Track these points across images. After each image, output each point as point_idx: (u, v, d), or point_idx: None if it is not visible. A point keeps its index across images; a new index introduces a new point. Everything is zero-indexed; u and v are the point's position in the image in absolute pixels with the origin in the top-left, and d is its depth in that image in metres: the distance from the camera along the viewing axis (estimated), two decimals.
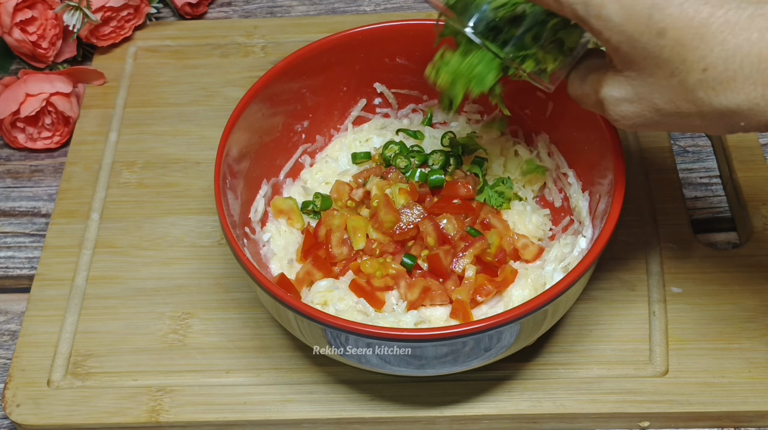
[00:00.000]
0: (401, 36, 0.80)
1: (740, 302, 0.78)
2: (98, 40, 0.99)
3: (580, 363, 0.75)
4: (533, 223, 0.79)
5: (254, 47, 1.00)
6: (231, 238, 0.68)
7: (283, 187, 0.83)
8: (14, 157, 0.95)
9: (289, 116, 0.81)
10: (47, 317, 0.80)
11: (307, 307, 0.64)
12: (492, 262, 0.76)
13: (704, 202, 0.87)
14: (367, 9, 1.06)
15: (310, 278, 0.76)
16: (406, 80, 0.84)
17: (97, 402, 0.75)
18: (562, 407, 0.73)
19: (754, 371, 0.74)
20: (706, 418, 0.73)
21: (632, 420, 0.74)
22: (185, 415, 0.74)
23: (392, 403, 0.74)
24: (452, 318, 0.73)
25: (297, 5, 1.07)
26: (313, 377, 0.76)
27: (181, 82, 0.97)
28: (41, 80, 0.92)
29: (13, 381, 0.76)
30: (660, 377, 0.74)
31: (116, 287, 0.82)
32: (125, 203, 0.88)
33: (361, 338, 0.64)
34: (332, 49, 0.79)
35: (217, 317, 0.79)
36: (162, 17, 1.06)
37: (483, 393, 0.74)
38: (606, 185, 0.71)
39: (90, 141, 0.93)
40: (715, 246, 0.84)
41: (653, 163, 0.87)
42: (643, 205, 0.84)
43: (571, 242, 0.76)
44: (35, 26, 0.95)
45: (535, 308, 0.63)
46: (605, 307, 0.78)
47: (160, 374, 0.76)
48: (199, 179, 0.89)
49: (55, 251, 0.84)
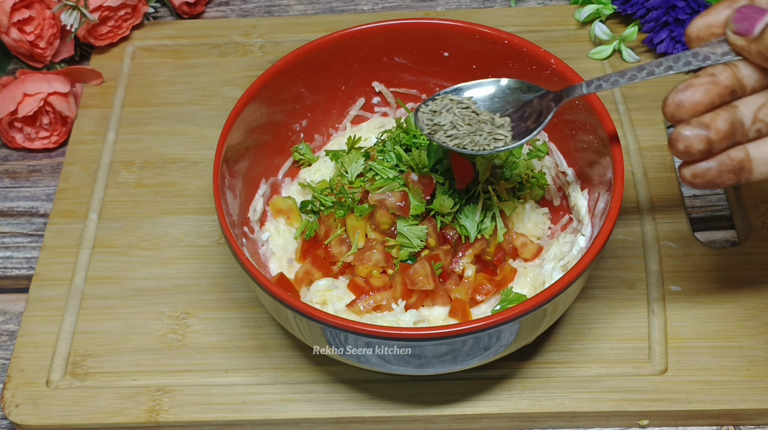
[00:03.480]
0: (399, 35, 0.80)
1: (739, 300, 0.78)
2: (96, 40, 0.99)
3: (579, 362, 0.76)
4: (532, 221, 0.79)
5: (252, 47, 1.00)
6: (230, 237, 0.68)
7: (281, 187, 0.83)
8: (12, 157, 0.95)
9: (287, 115, 0.81)
10: (46, 317, 0.80)
11: (306, 306, 0.64)
12: (491, 261, 0.76)
13: (703, 200, 0.87)
14: (365, 8, 1.06)
15: (309, 278, 0.75)
16: (404, 79, 0.84)
17: (96, 402, 0.75)
18: (561, 406, 0.73)
19: (753, 369, 0.74)
20: (706, 416, 0.73)
21: (632, 418, 0.74)
22: (184, 415, 0.74)
23: (392, 402, 0.74)
24: (451, 317, 0.73)
25: (295, 4, 1.07)
26: (312, 376, 0.76)
27: (179, 82, 0.97)
28: (39, 80, 0.92)
29: (12, 381, 0.76)
30: (659, 376, 0.74)
31: (115, 287, 0.82)
32: (123, 203, 0.88)
33: (361, 337, 0.64)
34: (330, 49, 0.79)
35: (216, 317, 0.79)
36: (159, 17, 1.06)
37: (482, 392, 0.74)
38: (605, 184, 0.71)
39: (88, 141, 0.93)
40: (713, 244, 0.84)
41: (652, 161, 0.87)
42: (642, 203, 0.84)
43: (570, 241, 0.76)
44: (33, 26, 0.95)
45: (535, 307, 0.63)
46: (604, 305, 0.78)
47: (159, 374, 0.76)
48: (197, 179, 0.89)
49: (54, 251, 0.84)
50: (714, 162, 0.59)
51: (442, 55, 0.81)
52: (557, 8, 1.02)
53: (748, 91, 0.58)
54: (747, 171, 0.59)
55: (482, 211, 0.75)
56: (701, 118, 0.58)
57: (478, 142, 0.68)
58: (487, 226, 0.75)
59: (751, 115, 0.58)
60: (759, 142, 0.58)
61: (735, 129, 0.58)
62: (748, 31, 0.57)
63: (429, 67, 0.82)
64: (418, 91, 0.85)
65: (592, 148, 0.74)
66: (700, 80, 0.58)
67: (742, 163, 0.58)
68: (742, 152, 0.58)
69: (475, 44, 0.79)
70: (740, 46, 0.58)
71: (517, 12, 1.01)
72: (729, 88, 0.58)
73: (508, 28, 0.82)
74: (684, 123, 0.58)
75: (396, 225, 0.74)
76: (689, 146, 0.58)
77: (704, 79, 0.58)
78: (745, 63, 0.58)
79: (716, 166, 0.59)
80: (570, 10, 1.01)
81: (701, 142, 0.57)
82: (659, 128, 0.90)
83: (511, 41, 0.77)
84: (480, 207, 0.75)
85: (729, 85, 0.58)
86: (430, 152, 0.75)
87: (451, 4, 1.05)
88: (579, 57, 0.96)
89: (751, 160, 0.58)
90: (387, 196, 0.74)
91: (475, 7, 1.05)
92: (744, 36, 0.57)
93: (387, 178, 0.76)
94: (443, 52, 0.81)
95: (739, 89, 0.58)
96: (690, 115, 0.58)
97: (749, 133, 0.58)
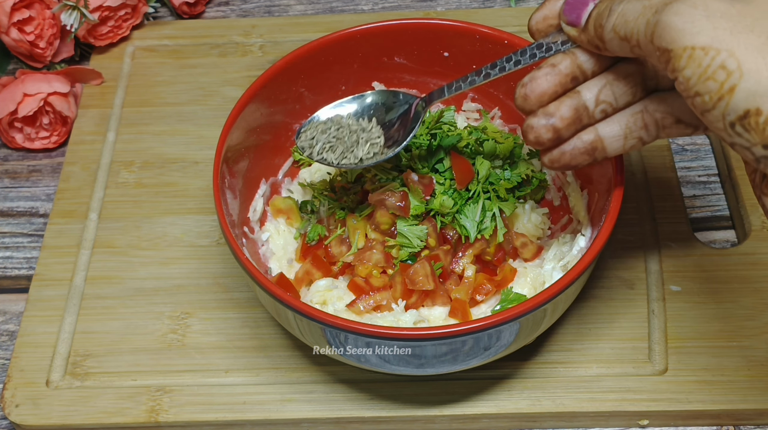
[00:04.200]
0: (399, 35, 0.80)
1: (739, 300, 0.78)
2: (96, 40, 0.99)
3: (579, 362, 0.76)
4: (532, 222, 0.79)
5: (252, 46, 1.00)
6: (230, 237, 0.68)
7: (281, 187, 0.83)
8: (12, 157, 0.95)
9: (287, 115, 0.81)
10: (46, 317, 0.80)
11: (306, 306, 0.64)
12: (491, 261, 0.76)
13: (703, 200, 0.87)
14: (365, 8, 1.06)
15: (309, 278, 0.75)
16: (404, 79, 0.84)
17: (96, 402, 0.75)
18: (561, 406, 0.73)
19: (753, 369, 0.74)
20: (706, 416, 0.73)
21: (632, 418, 0.74)
22: (184, 415, 0.74)
23: (392, 402, 0.74)
24: (451, 317, 0.73)
25: (295, 4, 1.07)
26: (312, 376, 0.76)
27: (179, 82, 0.97)
28: (39, 80, 0.92)
29: (12, 381, 0.76)
30: (659, 376, 0.74)
31: (115, 287, 0.82)
32: (123, 203, 0.88)
33: (361, 337, 0.64)
34: (330, 49, 0.79)
35: (216, 317, 0.79)
36: (159, 17, 1.06)
37: (482, 392, 0.74)
38: (605, 184, 0.71)
39: (88, 141, 0.93)
40: (713, 244, 0.84)
41: (652, 161, 0.87)
42: (642, 203, 0.84)
43: (570, 241, 0.76)
44: (33, 26, 0.95)
45: (535, 307, 0.63)
46: (604, 305, 0.78)
47: (159, 374, 0.76)
48: (197, 179, 0.89)
49: (54, 251, 0.84)
50: (567, 146, 0.62)
51: (442, 55, 0.81)
52: None
53: (588, 75, 0.61)
54: (600, 150, 0.62)
55: (482, 211, 0.75)
56: (546, 108, 0.60)
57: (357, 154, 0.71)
58: (487, 226, 0.75)
59: (593, 98, 0.60)
60: (606, 122, 0.61)
61: (580, 114, 0.60)
62: (576, 22, 0.59)
63: (429, 67, 0.82)
64: (418, 91, 0.85)
65: None
66: (541, 72, 0.60)
67: (594, 144, 0.61)
68: (592, 134, 0.61)
69: (475, 44, 0.79)
70: (573, 35, 0.60)
71: (517, 12, 1.01)
72: (570, 76, 0.60)
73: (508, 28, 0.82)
74: (532, 114, 0.61)
75: (396, 225, 0.74)
76: (538, 136, 0.61)
77: (545, 70, 0.60)
78: (581, 50, 0.60)
79: (569, 149, 0.62)
80: None
81: (548, 131, 0.60)
82: None
83: (511, 41, 0.77)
84: (480, 207, 0.75)
85: (569, 73, 0.60)
86: (430, 152, 0.75)
87: (451, 4, 1.05)
88: None
89: (602, 139, 0.61)
90: (387, 196, 0.74)
91: (475, 7, 1.05)
92: (574, 26, 0.60)
93: (387, 179, 0.76)
94: (443, 52, 0.81)
95: (580, 75, 0.61)
96: (537, 106, 0.61)
97: (595, 114, 0.61)
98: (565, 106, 0.60)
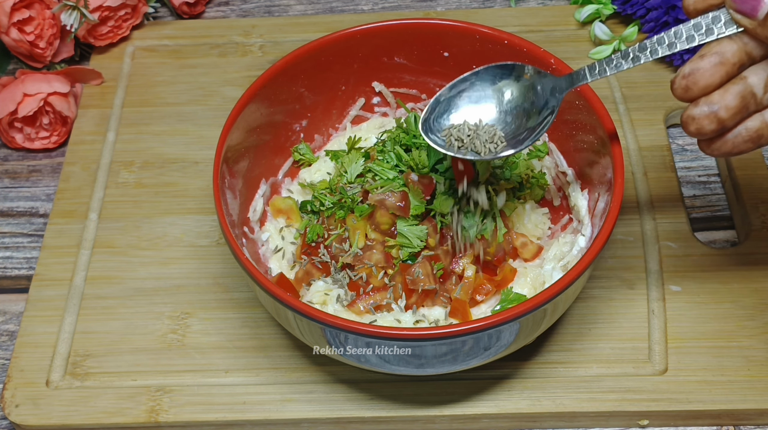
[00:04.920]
0: (399, 35, 0.80)
1: (739, 300, 0.78)
2: (96, 40, 0.99)
3: (579, 362, 0.76)
4: (532, 221, 0.79)
5: (252, 47, 1.00)
6: (230, 237, 0.68)
7: (281, 187, 0.83)
8: (12, 157, 0.95)
9: (287, 115, 0.81)
10: (46, 317, 0.80)
11: (306, 306, 0.64)
12: (491, 261, 0.76)
13: (703, 200, 0.87)
14: (365, 8, 1.06)
15: (309, 278, 0.75)
16: (404, 79, 0.84)
17: (96, 402, 0.75)
18: (561, 406, 0.73)
19: (753, 369, 0.74)
20: (706, 416, 0.73)
21: (632, 418, 0.74)
22: (184, 415, 0.74)
23: (392, 402, 0.74)
24: (451, 317, 0.73)
25: (295, 4, 1.07)
26: (312, 376, 0.76)
27: (179, 82, 0.97)
28: (39, 80, 0.92)
29: (12, 381, 0.76)
30: (659, 376, 0.74)
31: (115, 287, 0.82)
32: (123, 203, 0.88)
33: (361, 337, 0.64)
34: (330, 49, 0.79)
35: (216, 317, 0.79)
36: (159, 17, 1.06)
37: (482, 392, 0.74)
38: (605, 184, 0.71)
39: (88, 141, 0.93)
40: (713, 244, 0.84)
41: (652, 161, 0.87)
42: (642, 203, 0.84)
43: (570, 241, 0.76)
44: (33, 26, 0.95)
45: (535, 307, 0.63)
46: (604, 305, 0.78)
47: (159, 374, 0.76)
48: (197, 179, 0.89)
49: (54, 251, 0.84)
50: (730, 134, 0.57)
51: (442, 55, 0.81)
52: (557, 8, 1.02)
53: (757, 59, 0.56)
54: (766, 138, 0.57)
55: (482, 211, 0.75)
56: (710, 97, 0.56)
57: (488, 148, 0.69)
58: (487, 226, 0.75)
59: (762, 84, 0.56)
60: None
61: (747, 101, 0.56)
62: (752, 14, 0.55)
63: (429, 67, 0.82)
64: (418, 91, 0.85)
65: (592, 148, 0.74)
66: (705, 62, 0.56)
67: (760, 131, 0.57)
68: (758, 121, 0.57)
69: (475, 44, 0.79)
70: (747, 26, 0.55)
71: (517, 12, 1.01)
72: (737, 65, 0.56)
73: (508, 28, 0.82)
74: (693, 103, 0.56)
75: (396, 225, 0.74)
76: (701, 128, 0.56)
77: (710, 59, 0.56)
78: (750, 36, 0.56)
79: (732, 138, 0.57)
80: (570, 10, 1.01)
81: (712, 122, 0.56)
82: (659, 128, 0.90)
83: (511, 41, 0.77)
84: (480, 207, 0.75)
85: (737, 62, 0.56)
86: (430, 152, 0.75)
87: (451, 4, 1.05)
88: (579, 57, 0.96)
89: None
90: (387, 197, 0.74)
91: (475, 7, 1.05)
92: (748, 17, 0.55)
93: (387, 179, 0.76)
94: (443, 52, 0.81)
95: (748, 61, 0.56)
96: (699, 96, 0.56)
97: (764, 101, 0.56)
98: (730, 95, 0.55)
